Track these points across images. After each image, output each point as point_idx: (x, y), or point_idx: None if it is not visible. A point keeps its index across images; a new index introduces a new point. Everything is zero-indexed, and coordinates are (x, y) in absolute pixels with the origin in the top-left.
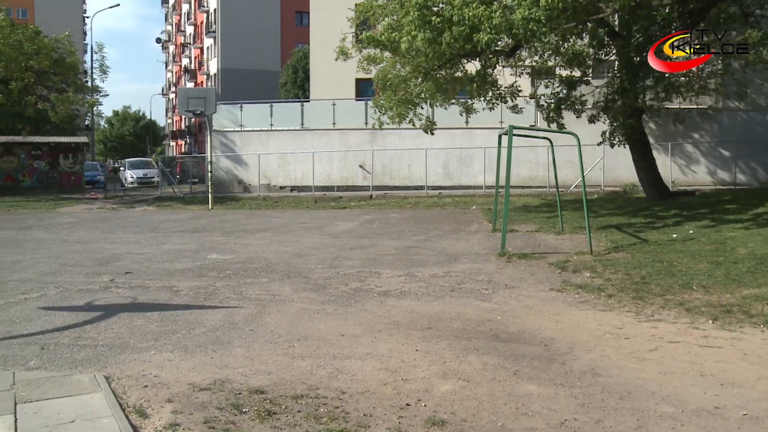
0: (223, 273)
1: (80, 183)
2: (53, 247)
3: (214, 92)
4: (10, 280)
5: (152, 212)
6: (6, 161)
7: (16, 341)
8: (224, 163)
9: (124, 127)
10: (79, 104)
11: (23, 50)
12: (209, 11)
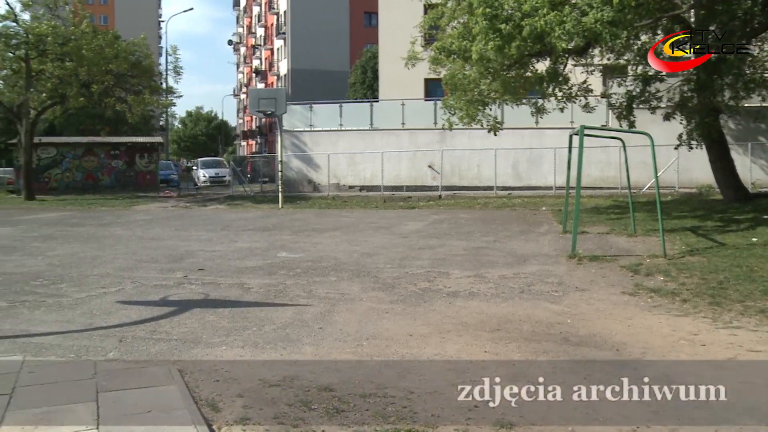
0: (292, 271)
1: (155, 182)
2: (130, 243)
3: (285, 93)
4: (90, 275)
5: (224, 211)
6: (87, 161)
7: (96, 333)
8: (294, 163)
9: (197, 128)
10: (154, 105)
11: (104, 54)
12: (279, 13)
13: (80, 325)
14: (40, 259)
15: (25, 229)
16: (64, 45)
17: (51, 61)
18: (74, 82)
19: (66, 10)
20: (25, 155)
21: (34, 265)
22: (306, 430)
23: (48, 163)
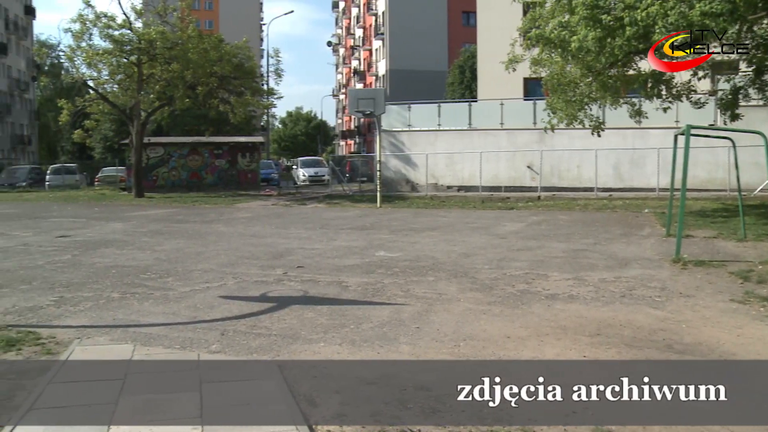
0: (390, 270)
1: (256, 180)
2: (232, 240)
3: (383, 93)
4: (194, 270)
5: (322, 209)
6: (192, 160)
7: (200, 326)
8: (392, 163)
9: (297, 128)
10: (256, 106)
11: (208, 57)
12: (377, 14)
13: (185, 318)
14: (149, 253)
15: (135, 225)
16: (171, 49)
17: (160, 64)
18: (181, 85)
19: (174, 17)
20: (136, 155)
21: (143, 259)
22: (402, 428)
23: (156, 162)
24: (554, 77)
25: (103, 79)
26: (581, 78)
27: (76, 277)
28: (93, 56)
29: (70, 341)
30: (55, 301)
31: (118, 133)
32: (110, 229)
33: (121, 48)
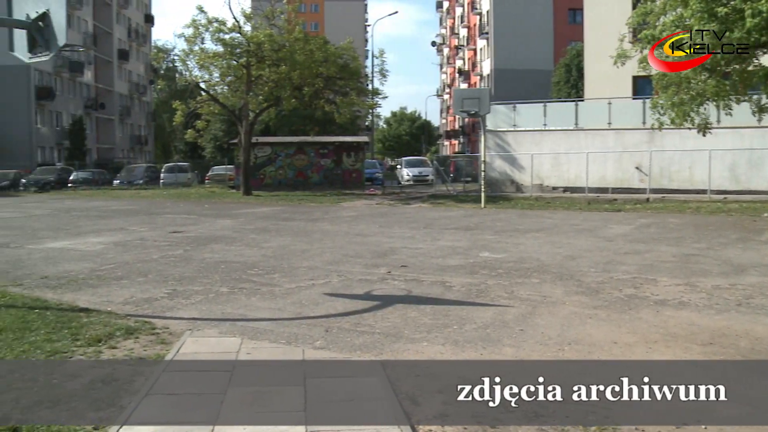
0: (494, 271)
1: (360, 180)
2: (336, 238)
3: (488, 93)
4: (300, 267)
5: (426, 209)
6: (298, 159)
7: (305, 322)
8: (497, 163)
9: (401, 127)
10: (361, 106)
11: (314, 59)
12: (482, 13)
13: (290, 314)
14: (256, 250)
15: (243, 222)
16: (279, 51)
17: (268, 66)
18: (288, 86)
19: (281, 20)
20: (244, 154)
21: (251, 256)
22: (504, 431)
23: (263, 161)
24: (665, 75)
25: (214, 81)
26: (695, 75)
27: (187, 271)
28: (205, 59)
29: (182, 332)
30: (168, 294)
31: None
32: (219, 226)
33: (231, 51)
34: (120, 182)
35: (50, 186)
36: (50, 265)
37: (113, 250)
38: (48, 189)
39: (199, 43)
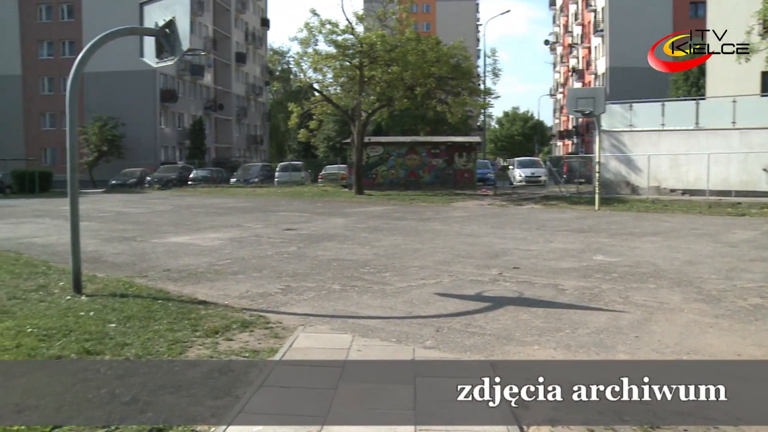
0: (608, 275)
1: (472, 180)
2: (448, 238)
3: (603, 92)
4: (411, 266)
5: (538, 210)
6: (410, 159)
7: (415, 321)
8: (612, 164)
9: (513, 127)
10: (473, 106)
11: (426, 59)
12: (597, 10)
13: (401, 313)
14: (368, 248)
15: (355, 221)
16: (391, 52)
17: (380, 67)
18: (400, 86)
19: (393, 20)
20: (357, 153)
21: (363, 254)
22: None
23: (375, 160)
24: None
25: (327, 82)
26: None
27: (300, 268)
28: (318, 61)
29: (295, 327)
30: (282, 289)
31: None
32: (332, 224)
33: (344, 52)
34: (237, 180)
35: (172, 183)
36: (172, 259)
37: (230, 246)
38: (170, 186)
39: (313, 45)
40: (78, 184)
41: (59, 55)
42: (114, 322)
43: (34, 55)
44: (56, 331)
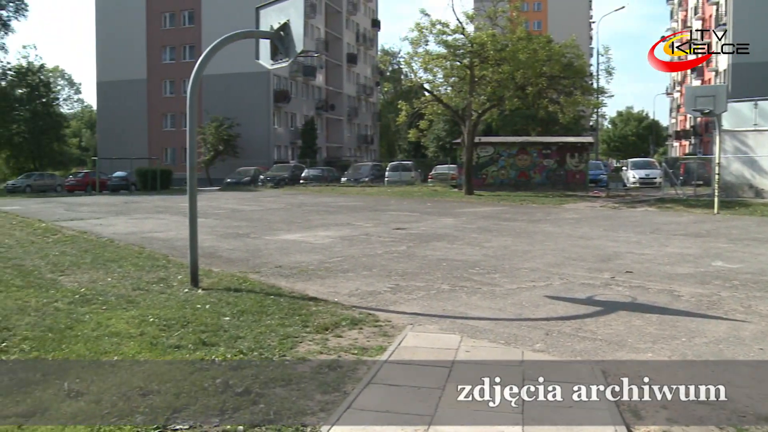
0: (728, 282)
1: (584, 181)
2: (558, 240)
3: (725, 89)
4: (521, 268)
5: (653, 213)
6: (521, 159)
7: (524, 323)
8: (734, 166)
9: (627, 128)
10: (585, 106)
11: (537, 58)
12: (719, 3)
13: (510, 315)
14: (477, 249)
15: (464, 221)
16: (501, 51)
17: (491, 66)
18: (510, 86)
19: (504, 19)
20: (467, 153)
21: (472, 255)
22: None
23: (486, 161)
24: None
25: (437, 82)
26: None
27: (410, 267)
28: (429, 61)
29: (403, 326)
30: (391, 288)
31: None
32: (441, 224)
33: (454, 52)
34: (347, 179)
35: (284, 182)
36: (284, 256)
37: (340, 244)
38: (282, 185)
39: (424, 46)
40: (196, 182)
41: (180, 59)
42: (228, 315)
43: (157, 60)
44: (175, 321)
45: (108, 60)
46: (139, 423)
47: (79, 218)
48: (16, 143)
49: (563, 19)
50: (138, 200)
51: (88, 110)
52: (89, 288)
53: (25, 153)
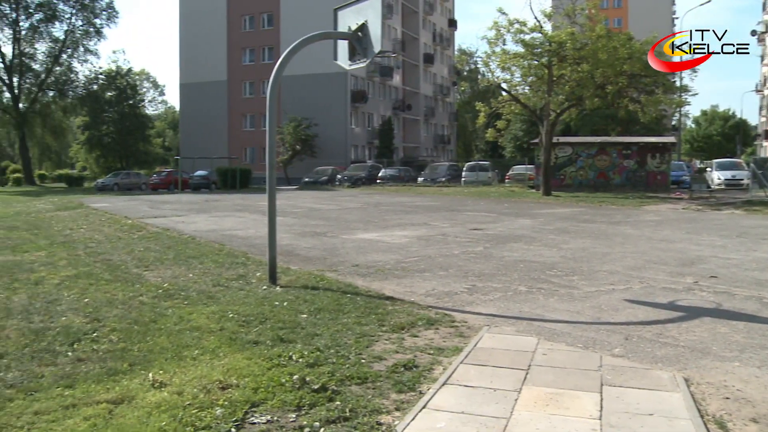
0: None
1: (666, 182)
2: (639, 243)
3: None
4: (600, 270)
5: (740, 216)
6: (600, 160)
7: (603, 327)
8: None
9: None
10: (668, 105)
11: (618, 56)
12: None
13: (588, 318)
14: (555, 251)
15: (542, 222)
16: (580, 50)
17: (569, 65)
18: (590, 85)
19: (582, 17)
20: (545, 154)
21: (549, 257)
22: None
23: (564, 161)
24: None
25: (515, 81)
26: None
27: (486, 268)
28: (506, 60)
29: (480, 327)
30: (467, 289)
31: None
32: (518, 225)
33: (532, 51)
34: (424, 179)
35: (361, 182)
36: (360, 255)
37: (416, 244)
38: (359, 184)
39: (501, 45)
40: (275, 181)
41: (259, 60)
42: (305, 313)
43: (237, 62)
44: (253, 318)
45: (190, 63)
46: (218, 416)
47: (162, 216)
48: (106, 143)
49: (644, 15)
50: (218, 198)
51: (171, 111)
52: (172, 283)
53: (113, 153)
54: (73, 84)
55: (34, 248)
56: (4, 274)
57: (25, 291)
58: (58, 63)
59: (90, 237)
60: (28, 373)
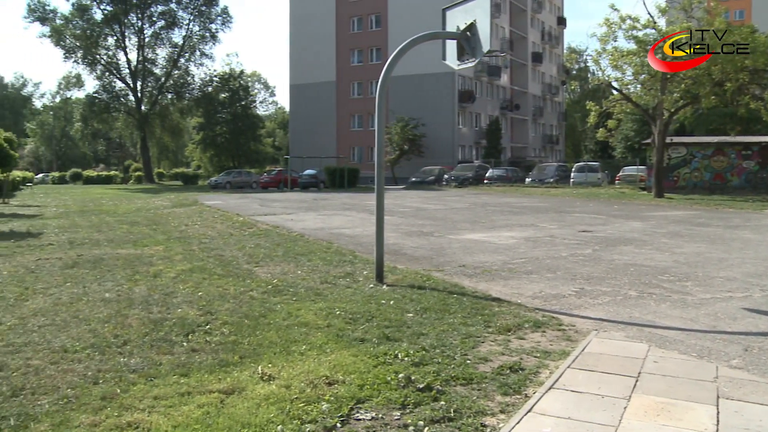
0: None
1: None
2: (759, 248)
3: None
4: (716, 277)
5: None
6: (716, 161)
7: (719, 336)
8: None
9: None
10: None
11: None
12: None
13: (703, 326)
14: (667, 255)
15: (654, 225)
16: None
17: None
18: (707, 82)
19: (700, 10)
20: (657, 154)
21: (661, 261)
22: None
23: (677, 162)
24: None
25: (626, 80)
26: None
27: (595, 271)
28: (618, 58)
29: (588, 332)
30: (576, 292)
31: (638, 132)
32: (629, 228)
33: (644, 48)
34: (532, 180)
35: (468, 182)
36: (467, 255)
37: (524, 245)
38: (466, 185)
39: (612, 42)
40: (384, 180)
41: (367, 61)
42: (411, 312)
43: (346, 63)
44: (360, 315)
45: (300, 64)
46: (324, 410)
47: (272, 213)
48: (219, 143)
49: None
50: (326, 197)
51: (281, 111)
52: (281, 279)
53: (226, 152)
54: (189, 86)
55: (152, 243)
56: (127, 266)
57: (144, 283)
58: (176, 67)
59: (204, 233)
60: (148, 360)
